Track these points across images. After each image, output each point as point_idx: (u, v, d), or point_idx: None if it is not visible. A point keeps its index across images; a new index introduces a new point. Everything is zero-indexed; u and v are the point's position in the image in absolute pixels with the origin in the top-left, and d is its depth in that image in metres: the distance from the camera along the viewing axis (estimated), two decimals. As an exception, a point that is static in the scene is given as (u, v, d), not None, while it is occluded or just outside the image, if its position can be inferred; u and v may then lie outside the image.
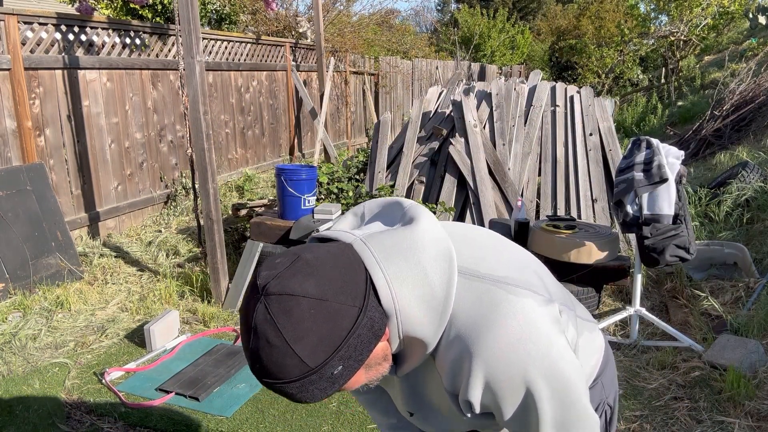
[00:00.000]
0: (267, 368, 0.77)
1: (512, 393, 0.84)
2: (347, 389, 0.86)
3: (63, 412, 2.65)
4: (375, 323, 0.80)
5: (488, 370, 0.82)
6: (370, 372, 0.86)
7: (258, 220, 4.03)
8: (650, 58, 17.10)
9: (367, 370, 0.85)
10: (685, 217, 2.90)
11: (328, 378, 0.78)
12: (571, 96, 5.04)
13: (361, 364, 0.81)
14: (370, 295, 0.80)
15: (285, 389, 0.78)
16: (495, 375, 0.83)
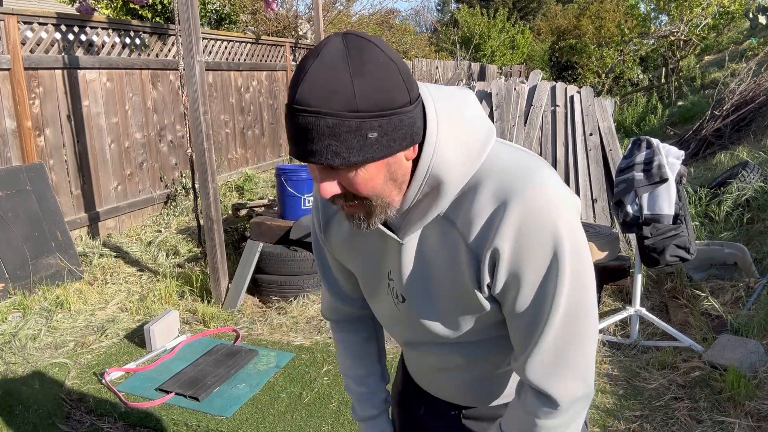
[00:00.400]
0: (316, 89, 0.74)
1: (540, 247, 0.83)
2: (359, 187, 0.81)
3: (63, 412, 2.65)
4: (416, 124, 0.81)
5: (523, 216, 0.82)
6: (387, 184, 0.84)
7: (258, 220, 4.03)
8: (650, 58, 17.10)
9: (386, 177, 0.83)
10: (686, 217, 2.90)
11: (360, 138, 0.76)
12: (571, 96, 5.04)
13: (391, 150, 0.79)
14: (419, 104, 0.82)
15: (319, 123, 0.75)
16: (528, 222, 0.82)
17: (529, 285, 0.86)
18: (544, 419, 0.91)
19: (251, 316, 3.71)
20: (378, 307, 1.08)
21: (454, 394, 1.11)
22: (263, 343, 3.33)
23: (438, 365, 1.08)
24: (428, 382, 1.14)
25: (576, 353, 0.88)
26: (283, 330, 3.52)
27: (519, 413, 0.96)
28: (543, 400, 0.90)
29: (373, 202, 0.84)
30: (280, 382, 2.89)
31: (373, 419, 1.22)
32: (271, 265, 3.80)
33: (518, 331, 0.90)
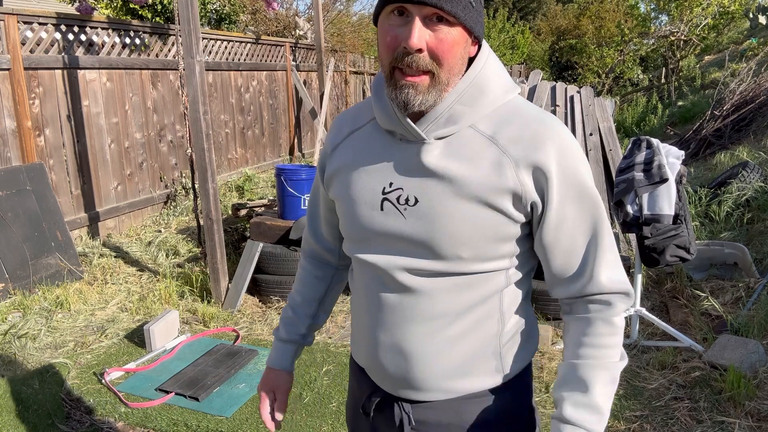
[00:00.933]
0: None
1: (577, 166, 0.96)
2: (445, 45, 0.90)
3: (63, 412, 2.65)
4: (483, 25, 0.96)
5: (562, 142, 0.95)
6: (458, 60, 0.93)
7: (258, 220, 4.03)
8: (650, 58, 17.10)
9: (461, 53, 0.92)
10: (686, 217, 2.90)
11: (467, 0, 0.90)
12: (571, 96, 5.04)
13: (475, 25, 0.92)
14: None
15: None
16: (566, 147, 0.95)
17: (578, 202, 0.97)
18: (618, 316, 1.00)
19: (251, 316, 3.71)
20: (365, 230, 1.03)
21: (414, 368, 1.03)
22: (263, 343, 3.33)
23: (415, 309, 1.01)
24: (392, 350, 1.05)
25: (616, 247, 1.01)
26: (283, 330, 3.52)
27: (596, 328, 0.99)
28: (617, 296, 0.99)
29: (441, 74, 0.92)
30: (280, 382, 2.88)
31: (282, 343, 1.28)
32: (271, 265, 3.79)
33: (574, 252, 0.99)
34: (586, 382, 0.97)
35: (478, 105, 0.96)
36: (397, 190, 0.99)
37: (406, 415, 1.07)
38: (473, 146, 0.95)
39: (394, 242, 1.01)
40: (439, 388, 1.04)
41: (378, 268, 1.03)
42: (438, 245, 0.97)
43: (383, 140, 1.03)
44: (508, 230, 0.97)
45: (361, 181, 1.03)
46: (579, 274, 0.99)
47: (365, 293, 1.08)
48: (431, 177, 0.96)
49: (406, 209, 0.98)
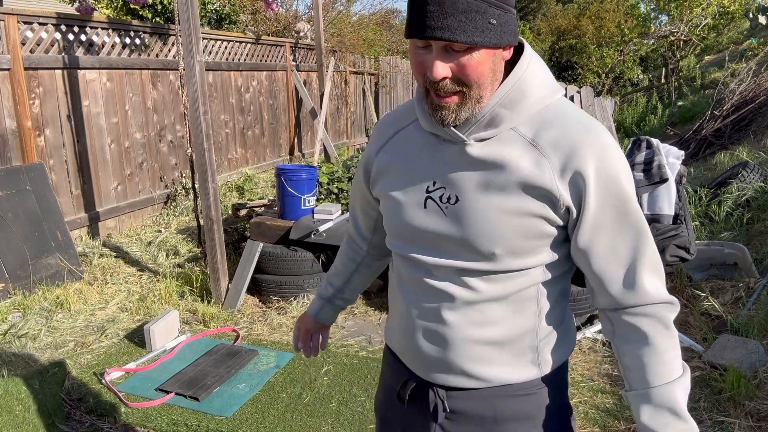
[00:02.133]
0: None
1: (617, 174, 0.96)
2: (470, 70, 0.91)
3: (63, 412, 2.65)
4: (516, 30, 0.94)
5: (602, 148, 0.95)
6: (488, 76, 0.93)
7: (258, 220, 4.03)
8: (650, 58, 17.10)
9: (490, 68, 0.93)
10: (686, 217, 2.90)
11: (484, 21, 0.88)
12: (572, 96, 5.04)
13: (501, 41, 0.91)
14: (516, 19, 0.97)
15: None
16: (607, 153, 0.96)
17: (619, 209, 0.97)
18: (671, 326, 1.00)
19: (251, 316, 3.71)
20: (409, 228, 1.07)
21: (451, 353, 1.05)
22: (263, 343, 3.33)
23: (453, 300, 1.03)
24: (429, 335, 1.07)
25: (658, 255, 1.01)
26: (283, 330, 3.52)
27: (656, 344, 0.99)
28: (664, 306, 1.00)
29: (472, 92, 0.93)
30: (280, 382, 2.89)
31: (316, 298, 1.47)
32: (271, 265, 3.79)
33: (617, 259, 0.99)
34: (673, 404, 0.98)
35: (520, 108, 0.97)
36: (439, 189, 1.03)
37: (440, 401, 1.09)
38: (513, 148, 0.97)
39: (436, 239, 1.04)
40: (475, 374, 1.06)
41: (419, 262, 1.07)
42: (475, 242, 0.99)
43: (427, 140, 1.06)
44: (544, 230, 0.99)
45: (406, 180, 1.07)
46: (622, 282, 0.99)
47: (405, 284, 1.11)
48: (471, 177, 0.99)
49: (447, 207, 1.02)
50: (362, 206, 1.29)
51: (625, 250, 0.98)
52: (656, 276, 1.00)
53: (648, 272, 0.99)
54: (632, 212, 0.98)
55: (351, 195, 1.34)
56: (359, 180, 1.25)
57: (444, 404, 1.09)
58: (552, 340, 1.08)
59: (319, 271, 3.83)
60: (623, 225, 0.98)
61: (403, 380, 1.15)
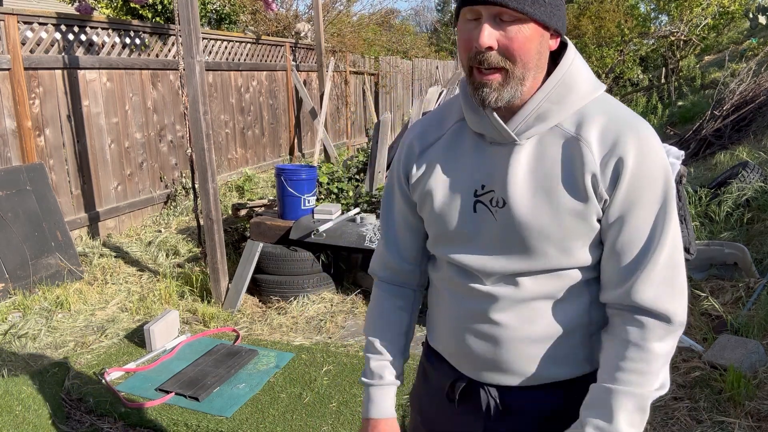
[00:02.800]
0: None
1: (656, 171, 0.95)
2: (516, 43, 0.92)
3: (63, 412, 2.65)
4: (564, 20, 0.98)
5: (643, 143, 0.94)
6: (534, 56, 0.93)
7: (258, 220, 4.03)
8: (650, 58, 17.09)
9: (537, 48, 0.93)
10: (686, 217, 2.90)
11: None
12: (571, 96, 5.04)
13: (551, 19, 0.93)
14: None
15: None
16: (647, 148, 0.94)
17: (646, 206, 0.95)
18: (657, 343, 0.96)
19: (251, 316, 3.71)
20: (459, 233, 1.06)
21: (503, 352, 1.04)
22: (263, 343, 3.33)
23: (503, 300, 1.03)
24: (481, 336, 1.06)
25: (681, 276, 0.97)
26: (283, 330, 3.52)
27: (629, 352, 0.96)
28: (657, 320, 0.96)
29: (516, 69, 0.93)
30: (280, 382, 2.89)
31: (380, 388, 1.19)
32: (271, 265, 3.79)
33: (627, 253, 0.96)
34: (612, 408, 0.96)
35: (566, 102, 0.97)
36: (489, 192, 1.02)
37: (493, 399, 1.09)
38: (560, 144, 0.97)
39: (486, 242, 1.03)
40: (527, 373, 1.05)
41: (467, 266, 1.06)
42: (526, 244, 0.99)
43: (473, 142, 1.05)
44: (592, 225, 0.98)
45: (453, 185, 1.06)
46: (626, 277, 0.97)
47: (451, 287, 1.10)
48: (520, 178, 0.99)
49: (497, 211, 1.01)
50: (407, 222, 1.18)
51: (641, 247, 0.96)
52: (665, 287, 0.95)
53: (657, 279, 0.95)
54: (663, 214, 0.95)
55: (383, 226, 1.22)
56: (396, 201, 1.18)
57: (497, 402, 1.08)
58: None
59: (319, 270, 3.83)
60: (647, 223, 0.95)
61: (452, 380, 1.14)
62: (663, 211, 0.96)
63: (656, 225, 0.96)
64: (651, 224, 0.96)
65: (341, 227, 3.77)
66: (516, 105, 0.98)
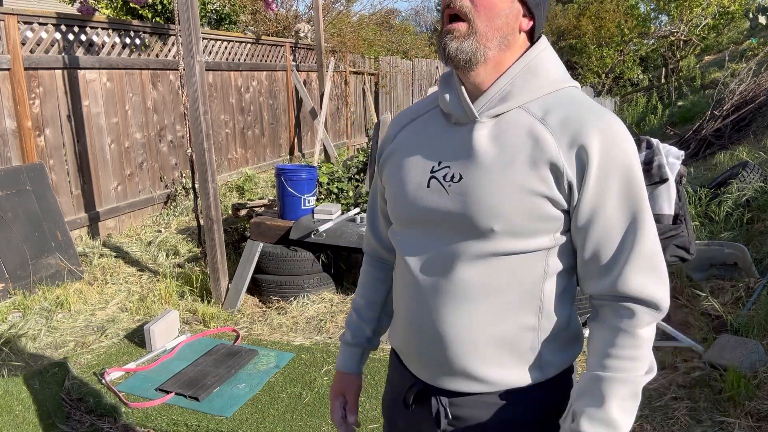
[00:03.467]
0: None
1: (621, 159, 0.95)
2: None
3: (63, 412, 2.65)
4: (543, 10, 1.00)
5: (609, 131, 0.95)
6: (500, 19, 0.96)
7: (258, 220, 4.03)
8: (650, 58, 17.09)
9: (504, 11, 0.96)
10: (686, 217, 2.90)
11: None
12: (571, 96, 5.04)
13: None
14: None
15: None
16: (612, 136, 0.95)
17: (619, 194, 0.95)
18: (645, 328, 0.97)
19: (251, 316, 3.71)
20: (410, 208, 1.06)
21: (453, 346, 1.03)
22: (263, 343, 3.33)
23: (452, 291, 1.02)
24: (429, 334, 1.05)
25: (663, 263, 0.97)
26: (283, 330, 3.52)
27: (619, 339, 0.96)
28: (646, 307, 0.96)
29: (478, 24, 0.95)
30: (280, 382, 2.89)
31: (349, 346, 1.29)
32: (271, 265, 3.79)
33: (608, 244, 0.96)
34: (604, 395, 0.95)
35: (530, 87, 0.99)
36: (444, 168, 1.02)
37: (443, 408, 1.08)
38: (522, 125, 0.98)
39: (436, 221, 1.03)
40: (474, 376, 1.04)
41: (418, 250, 1.06)
42: (473, 217, 0.98)
43: (439, 125, 1.07)
44: (547, 210, 0.96)
45: (413, 162, 1.08)
46: (609, 268, 0.97)
47: (406, 277, 1.09)
48: (478, 154, 0.99)
49: (450, 186, 1.01)
50: (383, 207, 1.24)
51: (620, 237, 0.96)
52: (649, 273, 0.96)
53: (640, 267, 0.96)
54: (636, 203, 0.95)
55: (369, 205, 1.29)
56: (376, 179, 1.23)
57: (446, 410, 1.07)
58: (556, 342, 1.05)
59: (319, 270, 3.83)
60: (624, 212, 0.95)
61: (408, 385, 1.14)
62: (635, 200, 0.95)
63: (631, 214, 0.95)
64: (626, 214, 0.95)
65: (341, 227, 3.77)
66: (483, 86, 1.00)
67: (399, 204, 1.08)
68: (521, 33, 1.00)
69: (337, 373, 1.30)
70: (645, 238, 0.96)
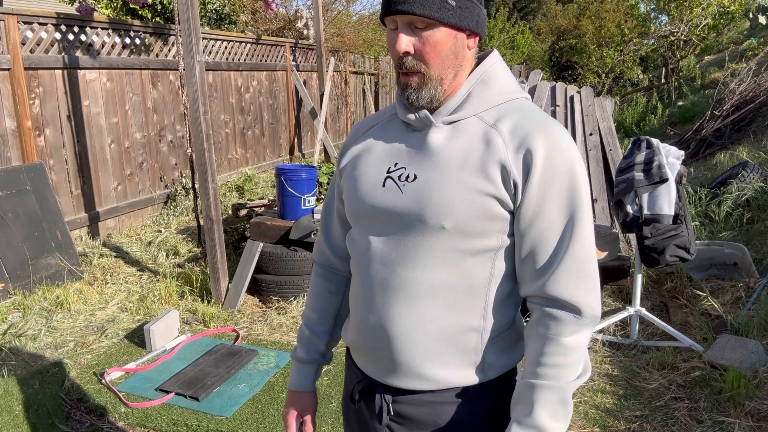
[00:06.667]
0: None
1: (563, 165, 0.99)
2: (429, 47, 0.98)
3: (63, 412, 2.65)
4: (481, 20, 1.03)
5: (555, 138, 0.99)
6: (449, 58, 1.00)
7: (258, 220, 4.03)
8: (650, 58, 17.09)
9: (450, 50, 1.00)
10: (686, 217, 2.90)
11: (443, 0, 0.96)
12: (571, 96, 5.04)
13: (461, 22, 0.98)
14: (483, 11, 1.04)
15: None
16: (558, 143, 0.99)
17: (557, 200, 0.99)
18: (569, 336, 0.99)
19: (251, 316, 3.71)
20: (364, 206, 1.09)
21: (398, 342, 1.04)
22: (263, 343, 3.33)
23: (400, 287, 1.03)
24: (376, 330, 1.07)
25: (594, 270, 1.01)
26: (283, 330, 3.52)
27: (546, 347, 0.99)
28: (569, 313, 0.99)
29: (431, 72, 1.00)
30: (280, 382, 2.89)
31: (302, 364, 1.28)
32: (271, 265, 3.79)
33: (542, 247, 1.00)
34: (533, 402, 0.99)
35: (482, 97, 1.04)
36: (400, 169, 1.06)
37: (386, 404, 1.10)
38: (475, 131, 1.03)
39: (389, 219, 1.06)
40: (418, 374, 1.06)
41: (370, 247, 1.08)
42: (425, 214, 1.01)
43: (397, 130, 1.11)
44: (495, 211, 1.00)
45: (370, 164, 1.11)
46: (543, 270, 1.00)
47: (358, 274, 1.11)
48: (432, 155, 1.04)
49: (405, 185, 1.04)
50: (339, 212, 1.24)
51: (556, 242, 0.99)
52: (578, 278, 0.98)
53: (572, 272, 0.98)
54: (575, 207, 0.99)
55: (324, 212, 1.29)
56: (334, 184, 1.25)
57: (389, 407, 1.10)
58: (498, 345, 1.08)
59: (319, 271, 3.83)
60: (562, 215, 0.99)
61: (355, 381, 1.17)
62: (575, 206, 0.99)
63: (569, 219, 0.99)
64: (564, 218, 0.99)
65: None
66: (441, 101, 1.05)
67: (353, 202, 1.11)
68: (470, 50, 1.05)
69: (291, 392, 1.28)
70: (579, 244, 0.99)
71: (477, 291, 1.04)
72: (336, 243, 1.27)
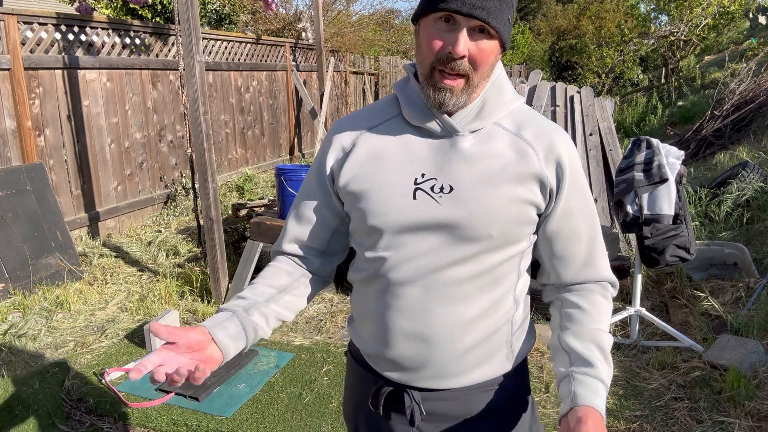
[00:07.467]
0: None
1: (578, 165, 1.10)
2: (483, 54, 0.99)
3: (63, 412, 2.65)
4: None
5: (569, 144, 1.09)
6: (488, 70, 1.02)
7: (258, 220, 4.03)
8: (650, 58, 17.09)
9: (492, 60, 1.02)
10: (686, 217, 2.90)
11: (508, 14, 0.99)
12: (571, 96, 5.04)
13: (506, 37, 1.01)
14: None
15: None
16: (571, 148, 1.09)
17: (581, 196, 1.10)
18: (610, 303, 1.14)
19: (251, 316, 3.70)
20: (396, 221, 1.03)
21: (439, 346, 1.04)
22: (263, 343, 3.33)
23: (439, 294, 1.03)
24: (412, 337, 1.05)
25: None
26: (283, 330, 3.52)
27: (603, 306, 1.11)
28: (608, 287, 1.15)
29: (475, 78, 1.01)
30: (280, 382, 2.89)
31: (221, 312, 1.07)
32: (271, 265, 3.79)
33: (583, 238, 1.11)
34: (592, 360, 1.03)
35: (499, 104, 1.07)
36: (430, 180, 1.05)
37: (416, 404, 1.09)
38: (502, 139, 1.06)
39: (427, 231, 1.04)
40: (456, 375, 1.08)
41: (404, 258, 1.05)
42: (472, 225, 1.03)
43: (409, 135, 1.08)
44: (531, 215, 1.06)
45: (389, 174, 1.06)
46: (585, 262, 1.12)
47: (383, 284, 1.08)
48: (466, 165, 1.04)
49: (441, 197, 1.04)
50: (322, 216, 1.16)
51: (586, 233, 1.12)
52: (605, 257, 1.15)
53: (601, 253, 1.14)
54: (590, 201, 1.13)
55: (296, 209, 1.18)
56: (314, 190, 1.15)
57: (420, 407, 1.09)
58: (522, 333, 1.15)
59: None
60: (585, 212, 1.11)
61: (377, 387, 1.14)
62: (591, 201, 1.13)
63: (592, 214, 1.13)
64: (589, 210, 1.12)
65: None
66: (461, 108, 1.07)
67: (378, 216, 1.05)
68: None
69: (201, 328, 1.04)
70: (599, 231, 1.15)
71: (509, 289, 1.09)
72: (309, 244, 1.18)
